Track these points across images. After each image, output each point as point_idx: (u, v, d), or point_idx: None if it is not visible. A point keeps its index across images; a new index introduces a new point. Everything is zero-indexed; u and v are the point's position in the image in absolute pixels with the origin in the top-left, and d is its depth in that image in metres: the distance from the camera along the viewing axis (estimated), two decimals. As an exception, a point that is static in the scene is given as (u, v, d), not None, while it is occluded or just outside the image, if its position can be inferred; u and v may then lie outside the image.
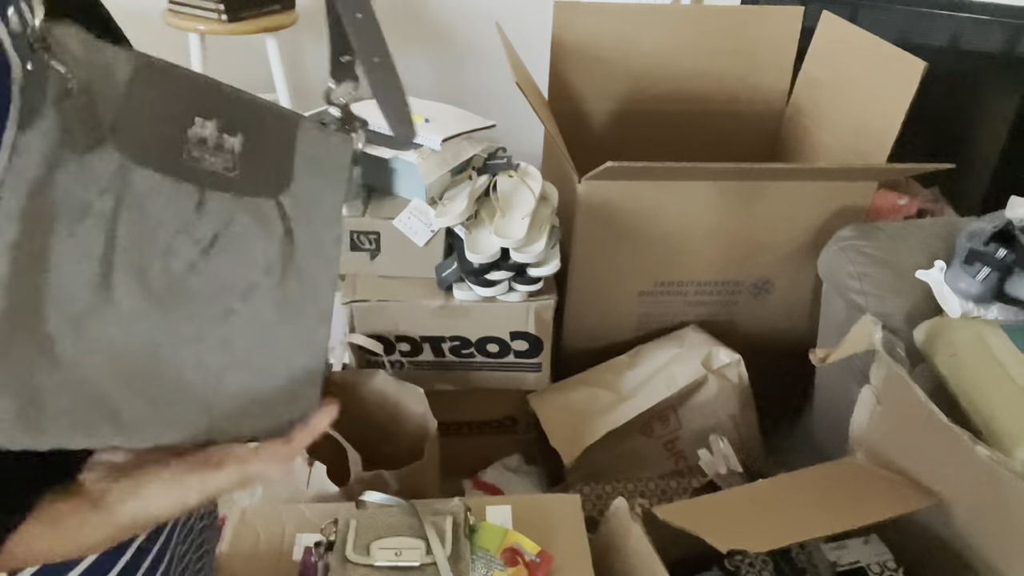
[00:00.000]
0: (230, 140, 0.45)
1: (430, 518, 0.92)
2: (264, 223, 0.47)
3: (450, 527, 0.92)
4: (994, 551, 0.92)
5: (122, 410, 0.42)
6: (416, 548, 0.89)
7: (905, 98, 1.30)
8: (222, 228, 0.45)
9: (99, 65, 0.40)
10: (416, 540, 0.90)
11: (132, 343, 0.43)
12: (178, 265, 0.44)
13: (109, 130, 0.41)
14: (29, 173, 0.38)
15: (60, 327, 0.40)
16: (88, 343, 0.41)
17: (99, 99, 0.40)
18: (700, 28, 1.64)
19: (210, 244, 0.45)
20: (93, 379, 0.41)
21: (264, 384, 0.48)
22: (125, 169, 0.41)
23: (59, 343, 0.40)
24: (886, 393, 1.04)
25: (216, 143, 0.44)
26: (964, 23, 1.80)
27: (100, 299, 0.41)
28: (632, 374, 1.40)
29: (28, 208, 0.38)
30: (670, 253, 1.39)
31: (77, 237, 0.40)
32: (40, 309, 0.39)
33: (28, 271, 0.39)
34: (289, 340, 0.49)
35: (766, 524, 0.93)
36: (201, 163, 0.44)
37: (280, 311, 0.49)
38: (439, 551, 0.88)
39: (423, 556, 0.88)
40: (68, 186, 0.39)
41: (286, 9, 2.01)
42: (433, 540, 0.89)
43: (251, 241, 0.47)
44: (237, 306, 0.47)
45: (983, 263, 1.12)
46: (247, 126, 0.46)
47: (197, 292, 0.45)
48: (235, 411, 0.47)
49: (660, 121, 1.70)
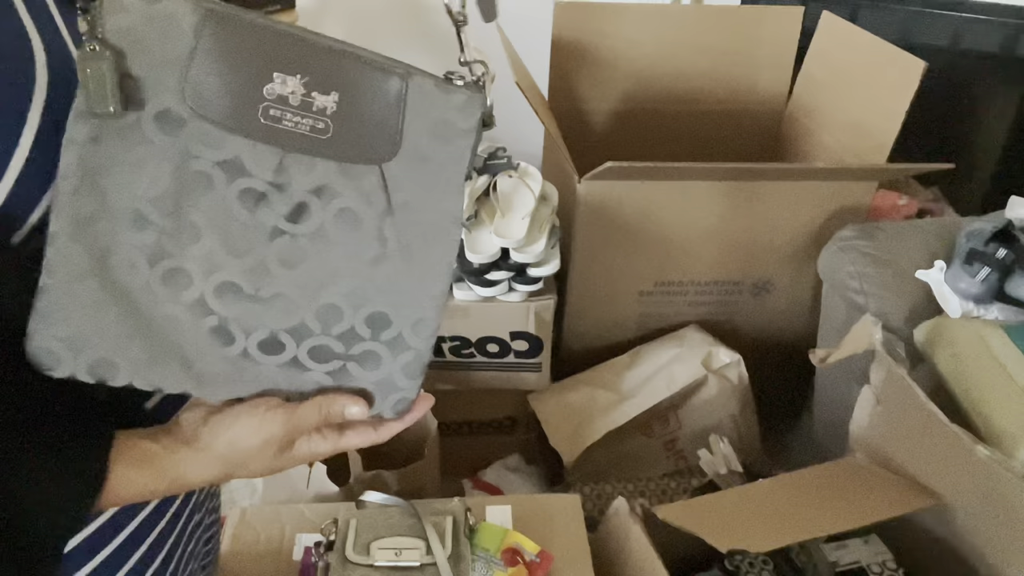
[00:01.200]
0: (321, 99, 0.40)
1: (430, 518, 0.92)
2: (362, 195, 0.42)
3: (450, 527, 0.92)
4: (994, 551, 0.92)
5: (194, 362, 0.43)
6: (416, 548, 0.89)
7: (905, 98, 1.30)
8: (309, 197, 0.41)
9: (161, 17, 0.37)
10: (416, 540, 0.90)
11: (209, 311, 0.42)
12: (260, 236, 0.41)
13: (175, 88, 0.38)
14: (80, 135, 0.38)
15: (149, 279, 0.40)
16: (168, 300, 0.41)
17: (160, 57, 0.38)
18: (700, 28, 1.63)
19: (295, 214, 0.41)
20: (172, 332, 0.41)
21: None
22: (192, 126, 0.39)
23: (144, 295, 0.40)
24: (886, 393, 1.04)
25: (302, 102, 0.40)
26: (964, 23, 1.80)
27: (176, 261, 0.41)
28: (632, 374, 1.40)
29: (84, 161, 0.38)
30: (670, 253, 1.39)
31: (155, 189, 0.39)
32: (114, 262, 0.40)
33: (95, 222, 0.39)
34: None
35: (766, 524, 0.93)
36: (281, 123, 0.40)
37: (380, 295, 0.44)
38: (439, 551, 0.88)
39: (423, 556, 0.88)
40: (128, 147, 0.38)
41: (286, 9, 2.01)
42: (433, 540, 0.89)
43: (345, 215, 0.42)
44: (329, 291, 0.43)
45: (983, 263, 1.12)
46: (343, 83, 0.41)
47: (283, 268, 0.42)
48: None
49: (660, 121, 1.70)
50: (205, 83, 0.39)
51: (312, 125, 0.40)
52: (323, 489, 1.12)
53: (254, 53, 0.39)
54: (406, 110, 0.42)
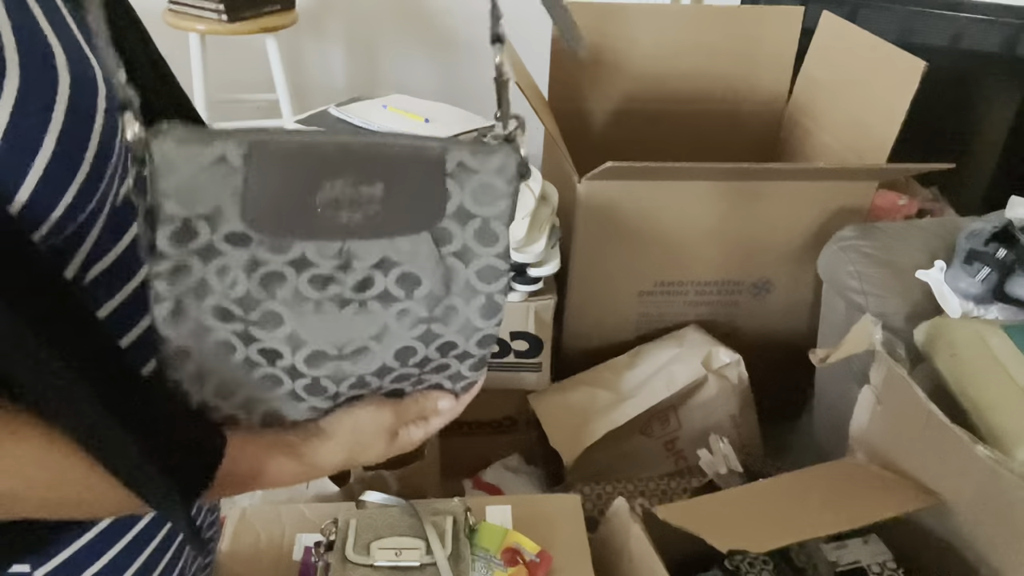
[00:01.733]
0: (368, 190, 0.44)
1: (430, 518, 0.92)
2: (418, 258, 0.47)
3: (450, 527, 0.92)
4: (994, 551, 0.92)
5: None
6: (416, 548, 0.89)
7: (905, 98, 1.30)
8: (372, 272, 0.46)
9: (211, 163, 0.41)
10: (416, 540, 0.90)
11: None
12: (333, 308, 0.46)
13: (237, 213, 0.42)
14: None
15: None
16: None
17: (217, 194, 0.42)
18: (700, 28, 1.64)
19: (360, 287, 0.46)
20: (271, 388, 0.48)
21: None
22: (259, 238, 0.43)
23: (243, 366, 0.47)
24: (886, 393, 1.04)
25: (352, 198, 0.44)
26: (964, 23, 1.80)
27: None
28: (632, 374, 1.40)
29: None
30: (670, 253, 1.39)
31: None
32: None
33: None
34: None
35: (766, 524, 0.93)
36: (337, 219, 0.44)
37: (447, 329, 0.50)
38: (439, 551, 0.88)
39: (423, 556, 0.88)
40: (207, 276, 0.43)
41: (286, 9, 2.01)
42: (433, 540, 0.89)
43: (407, 277, 0.47)
44: (402, 338, 0.49)
45: (983, 263, 1.12)
46: (386, 172, 0.44)
47: (359, 330, 0.47)
48: None
49: (660, 121, 1.70)
50: (262, 204, 0.42)
51: (364, 214, 0.44)
52: (323, 489, 1.12)
53: (301, 169, 0.43)
54: (447, 181, 0.46)
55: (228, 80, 2.15)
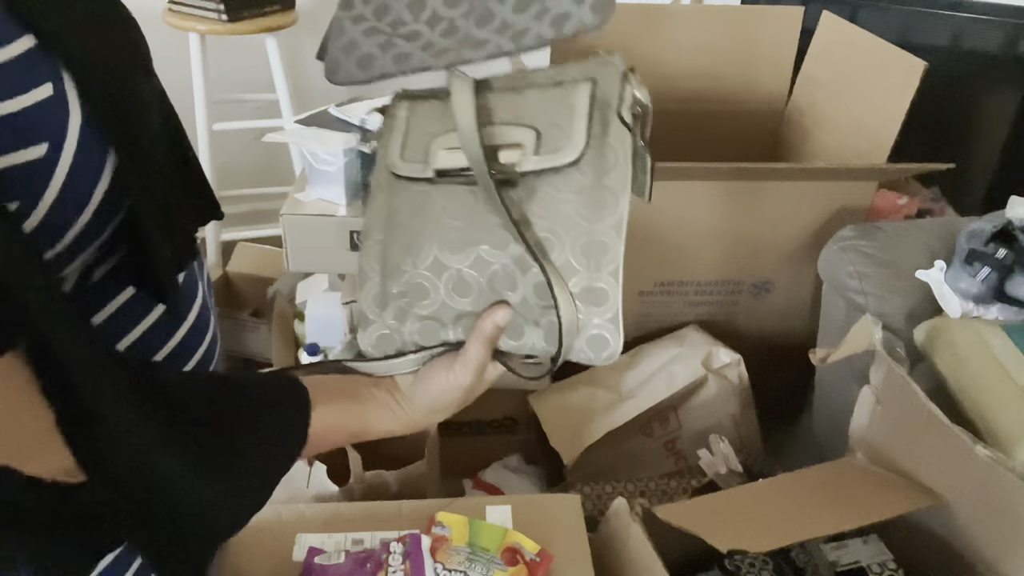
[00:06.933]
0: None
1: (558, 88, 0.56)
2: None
3: (585, 103, 0.55)
4: (994, 551, 0.92)
5: None
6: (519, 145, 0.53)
7: (905, 98, 1.30)
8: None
9: None
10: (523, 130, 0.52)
11: None
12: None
13: None
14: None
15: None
16: None
17: None
18: (700, 28, 1.63)
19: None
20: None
21: None
22: None
23: None
24: (886, 393, 1.04)
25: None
26: (964, 23, 1.80)
27: None
28: (632, 374, 1.40)
29: None
30: (670, 253, 1.39)
31: None
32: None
33: None
34: None
35: (766, 524, 0.93)
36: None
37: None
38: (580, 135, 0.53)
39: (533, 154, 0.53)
40: None
41: (286, 9, 2.01)
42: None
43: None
44: None
45: (983, 263, 1.12)
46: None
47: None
48: None
49: (659, 121, 1.69)
50: None
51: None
52: (323, 489, 1.12)
53: None
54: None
55: (228, 80, 2.15)
